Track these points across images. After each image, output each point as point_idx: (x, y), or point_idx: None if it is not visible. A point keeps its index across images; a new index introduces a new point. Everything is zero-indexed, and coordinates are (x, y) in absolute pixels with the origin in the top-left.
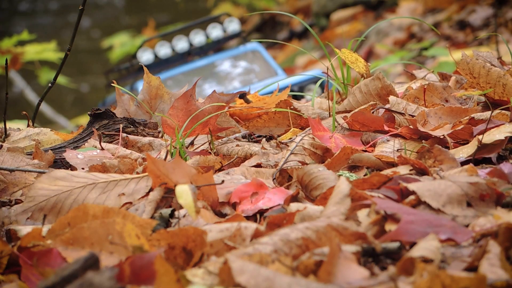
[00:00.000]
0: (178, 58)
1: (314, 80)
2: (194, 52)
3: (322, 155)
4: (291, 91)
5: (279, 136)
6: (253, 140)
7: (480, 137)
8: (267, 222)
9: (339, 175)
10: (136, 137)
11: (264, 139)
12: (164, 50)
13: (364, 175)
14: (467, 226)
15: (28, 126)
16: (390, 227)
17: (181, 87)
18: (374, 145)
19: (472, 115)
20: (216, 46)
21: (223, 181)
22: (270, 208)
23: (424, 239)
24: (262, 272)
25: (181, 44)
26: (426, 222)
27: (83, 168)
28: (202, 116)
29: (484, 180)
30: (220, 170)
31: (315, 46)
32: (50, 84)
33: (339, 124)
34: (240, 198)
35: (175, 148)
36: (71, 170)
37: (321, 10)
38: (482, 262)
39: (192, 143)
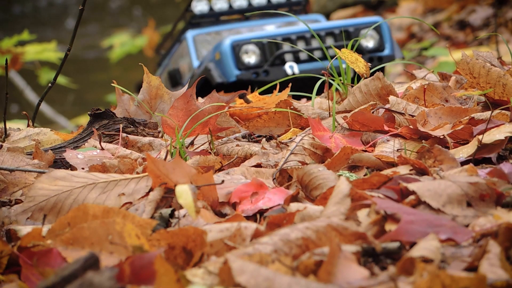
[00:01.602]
0: (233, 13)
1: (370, 25)
2: (251, 12)
3: (322, 155)
4: (347, 32)
5: (279, 136)
6: (253, 140)
7: (480, 137)
8: (267, 222)
9: (339, 175)
10: (136, 137)
11: (264, 139)
12: (220, 4)
13: (364, 175)
14: (467, 226)
15: (28, 126)
16: (390, 227)
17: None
18: (374, 145)
19: (472, 115)
20: (276, 10)
21: (223, 181)
22: (270, 208)
23: (424, 239)
24: (262, 272)
25: (239, 1)
26: (426, 222)
27: (83, 168)
28: (202, 116)
29: (484, 180)
30: (220, 170)
31: None
32: (50, 84)
33: (339, 124)
34: (240, 198)
35: (175, 148)
36: (71, 170)
37: (321, 10)
38: (482, 262)
39: (192, 143)
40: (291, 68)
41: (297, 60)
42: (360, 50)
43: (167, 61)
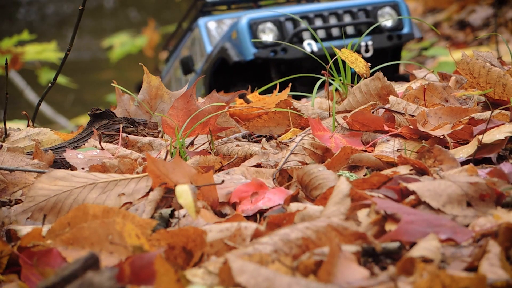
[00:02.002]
0: (245, 1)
1: (388, 4)
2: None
3: (322, 155)
4: (365, 10)
5: (279, 136)
6: (253, 140)
7: (480, 137)
8: (267, 222)
9: (339, 175)
10: (136, 137)
11: (264, 139)
12: None
13: (364, 175)
14: (467, 226)
15: (28, 126)
16: (390, 227)
17: None
18: (374, 145)
19: (472, 115)
20: None
21: (223, 181)
22: (270, 208)
23: (424, 239)
24: (262, 272)
25: None
26: (426, 222)
27: (83, 168)
28: (202, 116)
29: (484, 180)
30: (220, 170)
31: None
32: (50, 84)
33: (339, 124)
34: (240, 198)
35: (175, 148)
36: (71, 170)
37: None
38: (482, 262)
39: (192, 143)
40: (310, 46)
41: (315, 38)
42: (379, 29)
43: (178, 52)
